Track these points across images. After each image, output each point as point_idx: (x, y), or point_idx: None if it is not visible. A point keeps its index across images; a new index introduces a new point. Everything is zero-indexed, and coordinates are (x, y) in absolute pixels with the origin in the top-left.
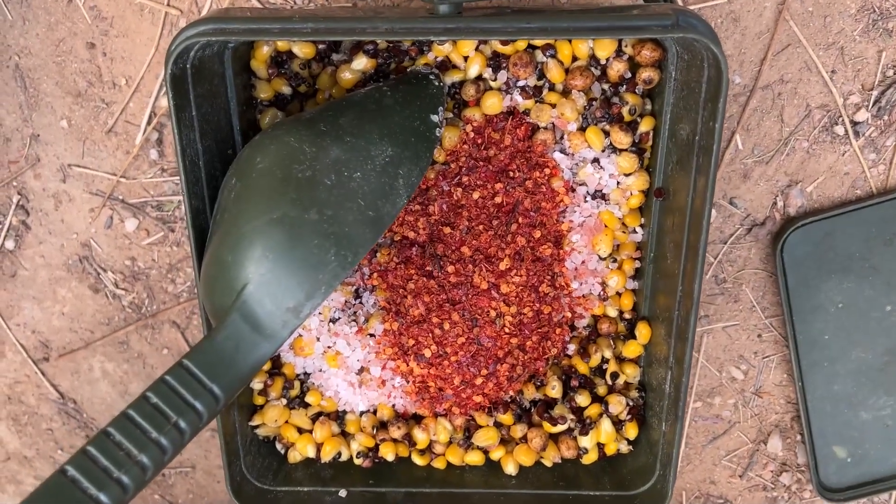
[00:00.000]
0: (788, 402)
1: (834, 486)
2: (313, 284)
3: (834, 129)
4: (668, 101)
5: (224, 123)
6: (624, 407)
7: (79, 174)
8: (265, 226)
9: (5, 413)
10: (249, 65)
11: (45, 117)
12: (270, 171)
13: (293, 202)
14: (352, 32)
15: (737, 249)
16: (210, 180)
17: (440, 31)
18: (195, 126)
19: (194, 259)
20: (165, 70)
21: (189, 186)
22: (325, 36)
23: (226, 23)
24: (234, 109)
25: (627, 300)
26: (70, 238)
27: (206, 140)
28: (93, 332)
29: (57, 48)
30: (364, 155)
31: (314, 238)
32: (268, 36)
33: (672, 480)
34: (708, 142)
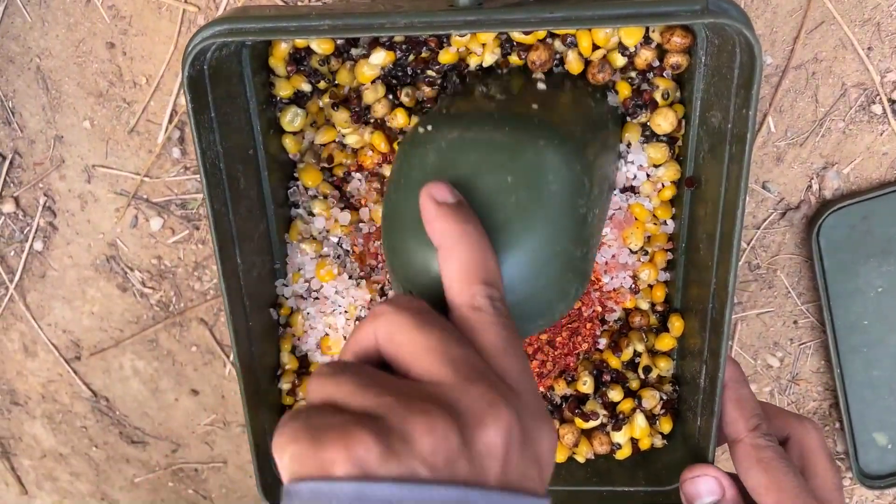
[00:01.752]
0: (826, 388)
1: (875, 473)
2: (552, 313)
3: (871, 109)
4: (699, 87)
5: (244, 123)
6: (657, 401)
7: (103, 174)
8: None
9: (40, 411)
10: (268, 63)
11: (67, 118)
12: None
13: (571, 239)
14: (370, 28)
15: (770, 234)
16: (231, 182)
17: (460, 24)
18: (215, 128)
19: (218, 261)
20: (182, 73)
21: (210, 189)
22: (342, 33)
23: (242, 22)
24: (254, 109)
25: (660, 292)
26: (97, 238)
27: (226, 141)
28: (122, 330)
29: (77, 49)
30: (604, 189)
31: (572, 273)
32: (284, 35)
33: None
34: (741, 130)
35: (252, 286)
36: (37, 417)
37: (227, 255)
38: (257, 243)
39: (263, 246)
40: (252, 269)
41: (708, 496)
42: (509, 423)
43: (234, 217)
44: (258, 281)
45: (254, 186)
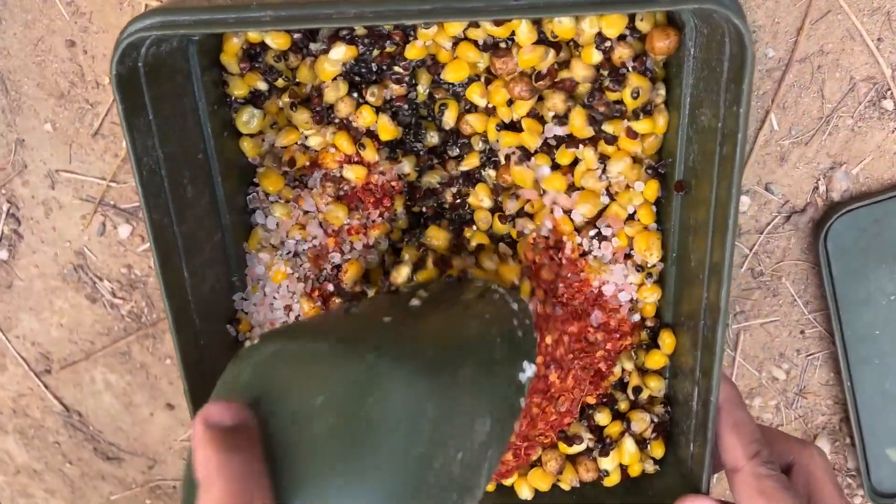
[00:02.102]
0: (836, 402)
1: (888, 491)
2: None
3: (882, 104)
4: (687, 82)
5: (192, 125)
6: (648, 424)
7: (67, 180)
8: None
9: (12, 426)
10: (219, 59)
11: (28, 121)
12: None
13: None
14: (316, 19)
15: (774, 239)
16: (175, 189)
17: (415, 13)
18: (153, 131)
19: (160, 276)
20: (111, 71)
21: (148, 199)
22: (287, 25)
23: (176, 14)
24: (204, 109)
25: (650, 306)
26: (63, 246)
27: (167, 146)
28: (93, 342)
29: (36, 48)
30: (468, 431)
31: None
32: (222, 27)
33: None
34: (732, 129)
35: (203, 302)
36: (9, 432)
37: (172, 270)
38: (210, 255)
39: (218, 257)
40: (203, 284)
41: None
42: None
43: (180, 227)
44: (211, 295)
45: (205, 194)
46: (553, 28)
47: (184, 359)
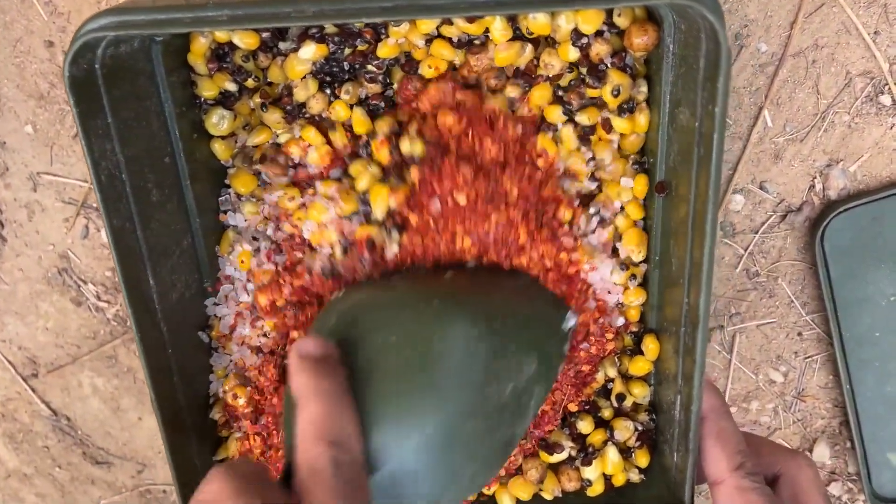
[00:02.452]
0: (835, 405)
1: (889, 495)
2: (436, 496)
3: (879, 99)
4: (667, 80)
5: (157, 128)
6: (632, 433)
7: (49, 182)
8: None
9: (0, 431)
10: (186, 60)
11: (9, 123)
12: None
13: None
14: (276, 18)
15: (770, 239)
16: (137, 193)
17: (376, 10)
18: (112, 134)
19: (122, 285)
20: (64, 73)
21: (107, 204)
22: (244, 24)
23: (130, 14)
24: (171, 112)
25: (634, 310)
26: (47, 250)
27: (129, 149)
28: (79, 346)
29: (14, 48)
30: (519, 366)
31: (462, 452)
32: (178, 27)
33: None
34: (708, 129)
35: (171, 309)
36: None
37: (134, 277)
38: (178, 260)
39: (187, 263)
40: (171, 291)
41: None
42: None
43: (144, 233)
44: (181, 302)
45: (172, 198)
46: (528, 24)
47: (149, 367)
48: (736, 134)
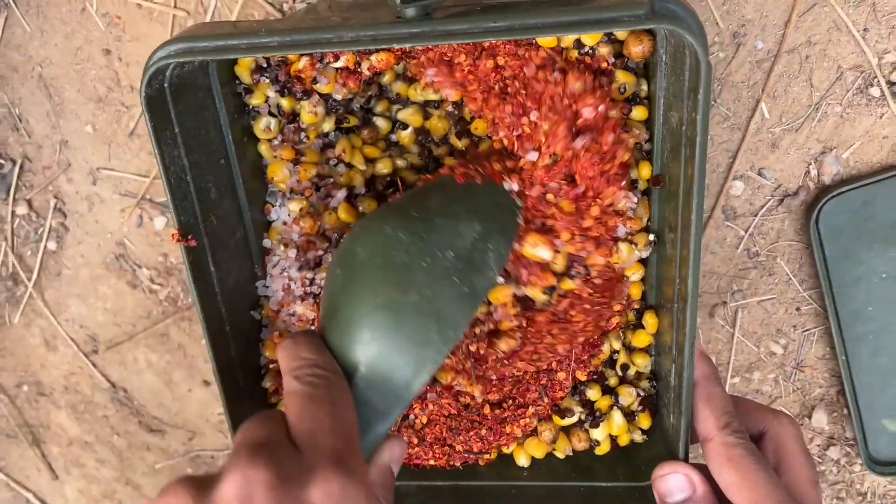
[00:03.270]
0: (833, 375)
1: (885, 459)
2: (420, 361)
3: (869, 91)
4: (661, 85)
5: (214, 135)
6: (634, 398)
7: (107, 176)
8: (370, 310)
9: (64, 402)
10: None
11: (71, 123)
12: (371, 259)
13: (394, 287)
14: (318, 44)
15: (769, 221)
16: (200, 193)
17: (406, 36)
18: (179, 143)
19: (188, 272)
20: (140, 93)
21: (176, 202)
22: (291, 50)
23: (196, 41)
24: (225, 119)
25: (636, 289)
26: (105, 237)
27: (192, 154)
28: (134, 325)
29: (75, 56)
30: (453, 233)
31: (417, 318)
32: (236, 53)
33: None
34: (692, 134)
35: (229, 291)
36: (62, 407)
37: (199, 265)
38: (233, 250)
39: (240, 251)
40: (228, 276)
41: (678, 493)
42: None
43: (205, 226)
44: (236, 285)
45: (227, 195)
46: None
47: (212, 343)
48: (735, 125)
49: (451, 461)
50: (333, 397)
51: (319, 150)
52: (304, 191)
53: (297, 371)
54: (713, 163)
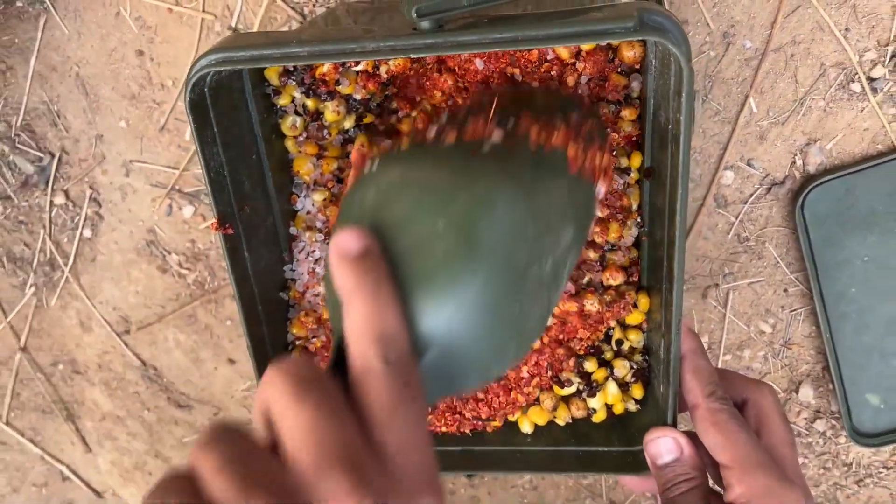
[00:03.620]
0: (818, 352)
1: (868, 431)
2: (486, 373)
3: (850, 87)
4: (651, 86)
5: (246, 131)
6: (628, 370)
7: (139, 168)
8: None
9: (98, 379)
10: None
11: (106, 119)
12: (491, 249)
13: (507, 294)
14: (343, 54)
15: (758, 209)
16: (235, 186)
17: (422, 47)
18: (217, 141)
19: (226, 256)
20: (184, 99)
21: (216, 194)
22: (319, 59)
23: (233, 51)
24: (256, 118)
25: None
26: (137, 225)
27: (229, 151)
28: (164, 307)
29: (110, 57)
30: (557, 239)
31: (508, 331)
32: (270, 62)
33: None
34: (676, 132)
35: (260, 274)
36: (96, 384)
37: (235, 250)
38: (264, 237)
39: (270, 238)
40: (260, 260)
41: (667, 455)
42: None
43: (240, 215)
44: (266, 269)
45: (259, 187)
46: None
47: (246, 321)
48: (726, 118)
49: (462, 428)
50: (420, 392)
51: (340, 146)
52: (326, 182)
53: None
54: (705, 154)
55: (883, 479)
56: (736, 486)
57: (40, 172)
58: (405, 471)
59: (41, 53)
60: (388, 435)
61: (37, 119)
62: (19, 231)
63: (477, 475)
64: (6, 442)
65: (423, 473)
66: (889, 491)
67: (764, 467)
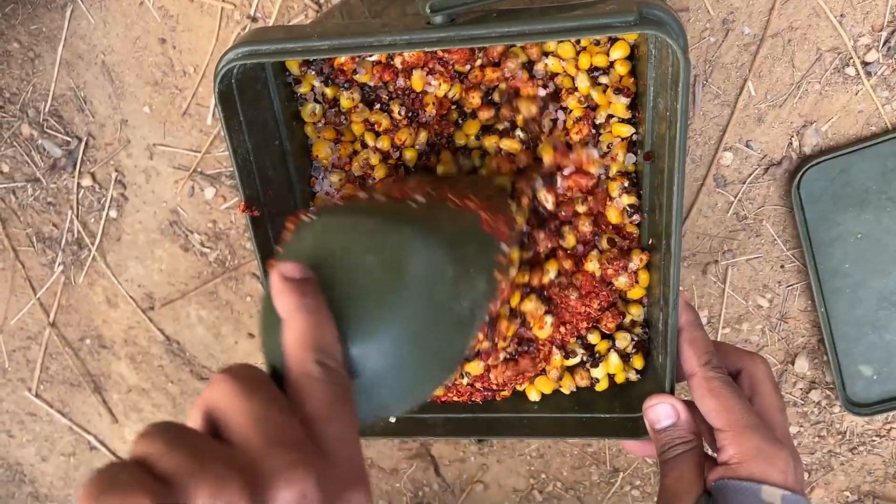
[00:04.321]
0: (814, 325)
1: (861, 401)
2: (412, 398)
3: (845, 71)
4: (651, 74)
5: (269, 119)
6: (629, 342)
7: (162, 152)
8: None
9: (124, 353)
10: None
11: (130, 105)
12: (417, 283)
13: (429, 323)
14: (361, 48)
15: (755, 188)
16: (260, 170)
17: (434, 41)
18: (243, 129)
19: (252, 236)
20: (214, 91)
21: (243, 179)
22: (338, 53)
23: (258, 45)
24: (278, 106)
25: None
26: (161, 206)
27: (253, 138)
28: (187, 284)
29: (134, 45)
30: (474, 285)
31: (428, 359)
32: (293, 56)
33: None
34: (673, 119)
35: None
36: (122, 358)
37: (261, 230)
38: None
39: None
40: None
41: (665, 419)
42: (303, 485)
43: (265, 199)
44: None
45: (281, 171)
46: None
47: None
48: (725, 102)
49: (473, 397)
50: (351, 401)
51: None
52: (343, 165)
53: (322, 357)
54: (705, 135)
55: (876, 447)
56: (728, 448)
57: (68, 156)
58: (340, 463)
59: (68, 42)
60: (326, 429)
61: (64, 105)
62: (48, 212)
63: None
64: (36, 413)
65: (355, 467)
66: (881, 458)
67: (755, 430)
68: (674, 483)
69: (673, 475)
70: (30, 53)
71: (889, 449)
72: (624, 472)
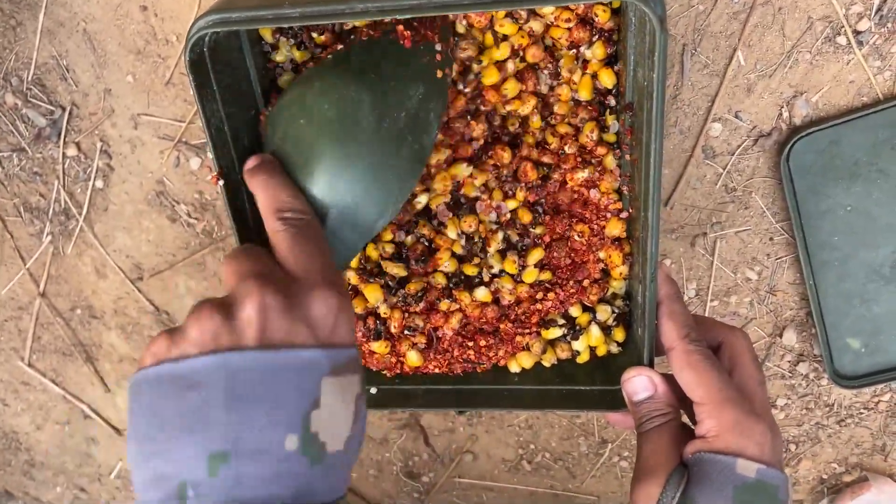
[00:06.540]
0: (802, 298)
1: (849, 374)
2: (384, 206)
3: (836, 40)
4: (631, 44)
5: (245, 88)
6: (610, 315)
7: (147, 121)
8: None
9: (114, 323)
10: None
11: (113, 74)
12: (340, 119)
13: (364, 144)
14: (333, 15)
15: (745, 160)
16: (235, 140)
17: (407, 8)
18: (217, 98)
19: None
20: (184, 58)
21: (217, 150)
22: (310, 20)
23: (229, 12)
24: (254, 76)
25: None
26: (147, 176)
27: (228, 107)
28: (174, 255)
29: (115, 12)
30: (404, 95)
31: (382, 172)
32: (264, 23)
33: None
34: (650, 90)
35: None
36: (112, 328)
37: (235, 200)
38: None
39: None
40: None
41: (643, 392)
42: (261, 296)
43: (240, 169)
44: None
45: (256, 142)
46: None
47: None
48: (714, 72)
49: (453, 369)
50: (316, 235)
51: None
52: None
53: (280, 213)
54: (693, 106)
55: (864, 420)
56: (707, 421)
57: (52, 125)
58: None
59: (49, 9)
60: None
61: (47, 73)
62: (34, 182)
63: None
64: (29, 382)
65: (322, 278)
66: (869, 430)
67: (733, 402)
68: (650, 455)
69: (649, 447)
70: (11, 21)
71: (877, 421)
72: (612, 443)
